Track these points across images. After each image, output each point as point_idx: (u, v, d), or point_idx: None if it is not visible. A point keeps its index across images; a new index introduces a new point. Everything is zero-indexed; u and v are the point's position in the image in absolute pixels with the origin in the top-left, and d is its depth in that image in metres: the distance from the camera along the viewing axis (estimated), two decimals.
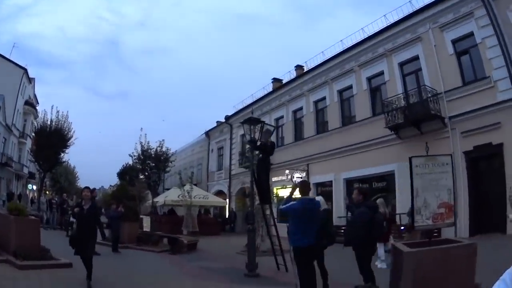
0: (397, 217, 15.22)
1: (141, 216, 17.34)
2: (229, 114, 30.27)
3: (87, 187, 7.85)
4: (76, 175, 50.21)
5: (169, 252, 13.87)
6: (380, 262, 9.31)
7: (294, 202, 6.23)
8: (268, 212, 11.48)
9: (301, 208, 5.96)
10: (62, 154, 23.99)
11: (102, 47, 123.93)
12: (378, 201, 14.88)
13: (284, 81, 25.71)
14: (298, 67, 25.16)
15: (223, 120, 31.38)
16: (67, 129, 23.07)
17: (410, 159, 6.44)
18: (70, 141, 23.35)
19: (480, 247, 5.71)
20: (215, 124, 33.74)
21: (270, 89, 26.79)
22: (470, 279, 5.76)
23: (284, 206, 6.22)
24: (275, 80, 27.36)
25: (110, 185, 56.20)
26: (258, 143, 10.38)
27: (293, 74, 24.81)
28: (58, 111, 22.84)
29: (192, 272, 9.97)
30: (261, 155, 10.55)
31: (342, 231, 17.50)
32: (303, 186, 6.55)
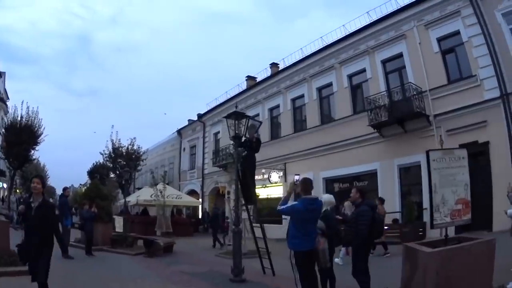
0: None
1: (113, 216, 16.30)
2: (202, 112, 29.41)
3: (36, 176, 5.37)
4: (47, 173, 48.30)
5: (145, 255, 12.94)
6: (339, 259, 10.39)
7: (295, 202, 5.55)
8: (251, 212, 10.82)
9: (304, 209, 5.31)
10: (32, 151, 22.48)
11: (74, 43, 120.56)
12: (345, 204, 14.65)
13: (258, 79, 25.15)
14: (273, 65, 24.75)
15: (195, 119, 30.42)
16: (37, 125, 21.55)
17: (427, 152, 5.95)
18: (40, 137, 21.89)
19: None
20: (186, 123, 32.79)
21: (245, 87, 26.12)
22: (490, 276, 5.40)
23: (283, 207, 5.53)
24: (249, 78, 26.85)
25: (80, 184, 54.27)
26: (243, 139, 9.66)
27: (268, 72, 24.30)
28: (28, 107, 21.36)
29: (173, 277, 9.13)
30: (246, 152, 9.79)
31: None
32: (305, 184, 5.74)
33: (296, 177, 15.01)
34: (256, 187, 17.39)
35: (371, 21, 16.48)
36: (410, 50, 15.00)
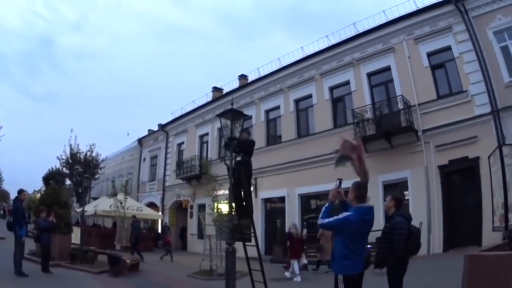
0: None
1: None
2: (163, 122, 27.84)
3: None
4: (1, 175, 48.01)
5: (110, 274, 11.17)
6: (296, 276, 11.16)
7: (349, 212, 4.27)
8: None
9: (360, 221, 4.12)
10: None
11: (35, 44, 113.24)
12: (290, 224, 13.90)
13: (225, 91, 24.25)
14: (242, 77, 24.01)
15: (155, 129, 28.62)
16: None
17: (500, 147, 5.13)
18: None
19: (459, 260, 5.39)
20: (146, 133, 30.83)
21: (211, 98, 24.98)
22: None
23: (330, 220, 4.18)
24: (215, 89, 25.77)
25: (35, 190, 49.65)
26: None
27: (236, 84, 23.52)
28: None
29: None
30: (240, 156, 8.46)
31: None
32: (361, 189, 4.46)
33: (337, 182, 13.93)
34: (219, 202, 16.17)
35: (357, 33, 16.11)
36: (398, 64, 14.69)
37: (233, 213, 8.10)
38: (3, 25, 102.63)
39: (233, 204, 8.00)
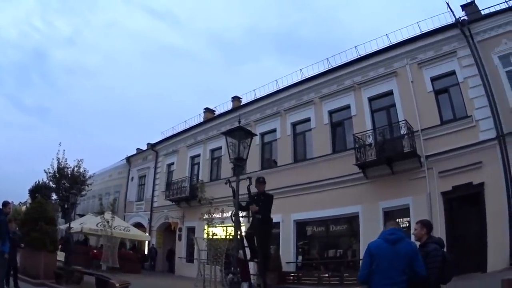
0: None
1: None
2: (153, 142, 27.01)
3: None
4: None
5: None
6: None
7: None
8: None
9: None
10: None
11: (29, 56, 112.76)
12: (240, 251, 13.27)
13: (218, 112, 23.85)
14: (235, 99, 23.71)
15: (144, 148, 27.87)
16: None
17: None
18: None
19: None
20: (135, 152, 30.12)
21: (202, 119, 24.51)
22: None
23: None
24: (207, 110, 25.32)
25: (20, 202, 47.75)
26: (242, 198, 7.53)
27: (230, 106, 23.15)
28: None
29: None
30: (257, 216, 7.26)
31: (291, 277, 15.37)
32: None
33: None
34: (214, 225, 15.26)
35: (358, 56, 15.89)
36: (401, 88, 14.42)
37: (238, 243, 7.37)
38: (1, 35, 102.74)
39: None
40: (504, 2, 12.76)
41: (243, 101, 21.95)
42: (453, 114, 13.25)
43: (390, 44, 14.95)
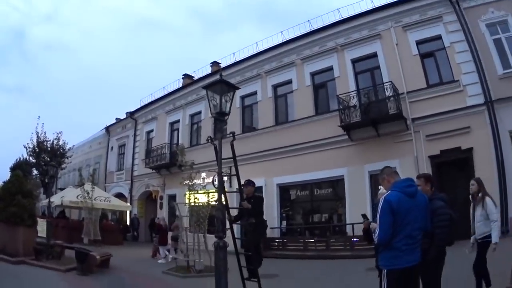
0: (350, 227, 13.75)
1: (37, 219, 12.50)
2: (132, 109, 26.35)
3: None
4: None
5: (78, 272, 9.95)
6: (162, 259, 13.21)
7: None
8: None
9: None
10: None
11: (8, 36, 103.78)
12: (160, 216, 13.46)
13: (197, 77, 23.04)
14: (214, 64, 22.88)
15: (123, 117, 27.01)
16: None
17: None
18: None
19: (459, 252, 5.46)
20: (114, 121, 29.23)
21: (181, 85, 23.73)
22: None
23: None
24: (186, 76, 24.48)
25: (3, 182, 45.65)
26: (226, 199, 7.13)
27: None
28: None
29: None
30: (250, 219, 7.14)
31: (276, 243, 15.53)
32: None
33: None
34: (196, 192, 14.97)
35: (341, 18, 15.54)
36: (385, 51, 14.31)
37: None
38: None
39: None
40: None
41: (222, 65, 21.22)
42: (440, 78, 13.31)
43: (374, 7, 14.69)
